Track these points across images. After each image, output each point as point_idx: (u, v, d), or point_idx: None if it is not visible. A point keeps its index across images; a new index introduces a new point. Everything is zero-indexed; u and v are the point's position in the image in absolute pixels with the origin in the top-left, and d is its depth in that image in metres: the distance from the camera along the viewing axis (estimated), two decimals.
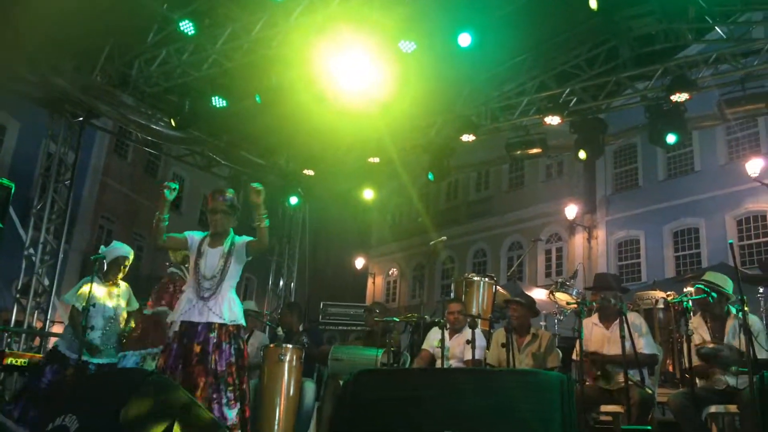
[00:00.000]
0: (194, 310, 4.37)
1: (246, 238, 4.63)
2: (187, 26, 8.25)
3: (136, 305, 5.99)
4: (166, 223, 4.47)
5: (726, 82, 9.44)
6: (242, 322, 4.52)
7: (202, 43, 8.91)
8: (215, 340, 4.29)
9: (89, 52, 9.57)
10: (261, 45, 8.60)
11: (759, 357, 4.66)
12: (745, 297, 4.76)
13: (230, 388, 4.21)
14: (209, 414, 3.34)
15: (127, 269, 5.93)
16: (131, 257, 5.96)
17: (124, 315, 5.85)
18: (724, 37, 9.38)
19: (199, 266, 4.51)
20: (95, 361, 5.35)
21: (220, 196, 4.65)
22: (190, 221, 22.89)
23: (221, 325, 4.35)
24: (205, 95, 9.51)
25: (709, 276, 5.26)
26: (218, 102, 9.49)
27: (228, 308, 4.40)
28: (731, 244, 4.48)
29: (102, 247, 5.80)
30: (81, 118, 10.24)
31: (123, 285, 5.93)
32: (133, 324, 5.86)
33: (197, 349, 4.25)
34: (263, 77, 9.17)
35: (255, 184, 4.44)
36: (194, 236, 4.70)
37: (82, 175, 16.84)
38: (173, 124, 9.76)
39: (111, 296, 5.60)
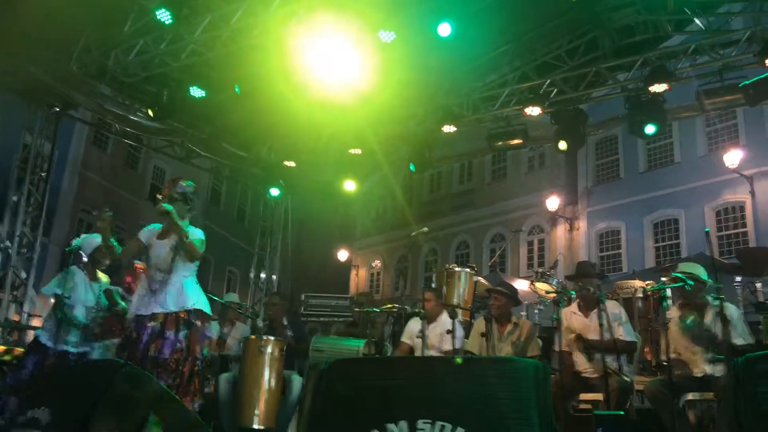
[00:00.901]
0: (142, 303, 4.43)
1: (198, 232, 4.64)
2: (164, 15, 8.16)
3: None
4: (114, 242, 4.59)
5: (704, 73, 9.52)
6: (198, 307, 4.52)
7: (180, 32, 8.79)
8: (157, 329, 4.31)
9: (65, 41, 9.40)
10: (240, 35, 8.50)
11: (737, 343, 4.73)
12: (721, 285, 4.83)
13: (172, 375, 4.22)
14: (188, 409, 3.31)
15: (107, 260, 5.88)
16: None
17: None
18: (703, 28, 9.45)
19: (150, 259, 4.56)
20: (76, 350, 5.28)
21: (171, 186, 4.67)
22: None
23: (166, 314, 4.37)
24: (184, 85, 9.41)
25: (684, 267, 5.31)
26: (197, 92, 9.39)
27: (175, 297, 4.43)
28: (707, 232, 4.52)
29: (76, 239, 5.71)
30: (58, 109, 10.08)
31: (104, 278, 5.85)
32: None
33: (140, 339, 4.28)
34: (243, 67, 9.09)
35: (164, 205, 4.47)
36: (147, 231, 4.73)
37: (60, 167, 16.61)
38: (151, 114, 9.64)
39: (92, 287, 5.53)
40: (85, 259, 5.57)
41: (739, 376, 2.79)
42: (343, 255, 27.19)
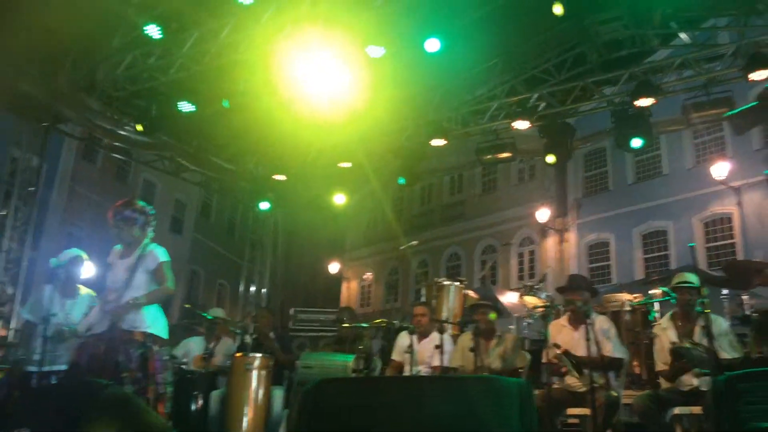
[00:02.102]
0: (98, 322, 4.48)
1: (160, 252, 4.66)
2: (153, 30, 8.16)
3: None
4: None
5: (690, 87, 9.61)
6: (153, 332, 4.53)
7: (168, 47, 8.80)
8: (111, 348, 4.33)
9: (54, 56, 9.38)
10: (229, 49, 8.52)
11: (725, 358, 4.74)
12: (705, 300, 4.85)
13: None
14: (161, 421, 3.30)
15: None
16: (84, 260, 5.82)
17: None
18: (689, 42, 9.55)
19: (107, 279, 4.62)
20: (55, 368, 5.23)
21: (122, 207, 4.74)
22: (161, 227, 22.62)
23: (125, 332, 4.41)
24: (173, 100, 9.39)
25: (679, 278, 5.31)
26: (186, 107, 9.38)
27: (130, 317, 4.45)
28: (692, 247, 4.55)
29: (53, 260, 5.63)
30: (46, 124, 10.03)
31: (84, 292, 5.77)
32: None
33: (94, 357, 4.32)
34: (231, 82, 9.11)
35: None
36: (114, 250, 4.79)
37: (49, 181, 16.54)
38: (140, 129, 9.61)
39: (62, 304, 5.47)
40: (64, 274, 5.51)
41: (721, 394, 2.80)
42: (334, 267, 27.11)
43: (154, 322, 4.57)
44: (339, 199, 12.10)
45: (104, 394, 3.05)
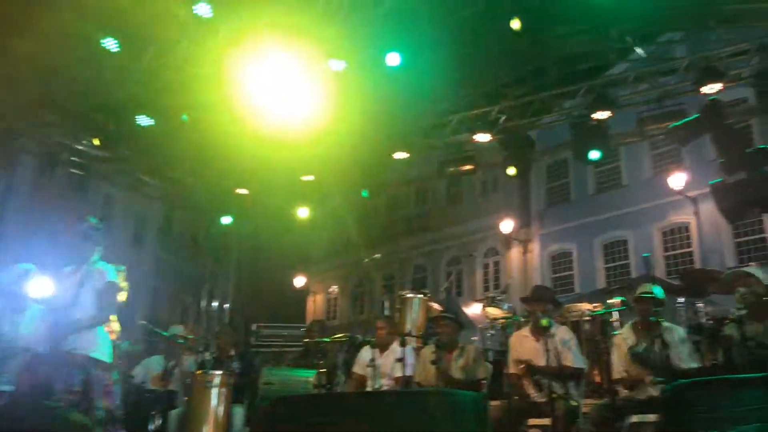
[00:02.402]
0: (41, 341, 4.41)
1: (108, 270, 4.57)
2: (110, 43, 8.04)
3: None
4: None
5: (646, 100, 9.83)
6: (92, 354, 4.43)
7: (126, 61, 8.68)
8: (53, 370, 4.25)
9: (9, 70, 9.17)
10: (187, 63, 8.44)
11: (682, 367, 4.83)
12: (659, 309, 4.95)
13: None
14: None
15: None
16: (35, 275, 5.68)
17: None
18: (644, 56, 9.79)
19: (52, 298, 4.56)
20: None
21: (77, 223, 4.68)
22: (123, 242, 22.22)
23: (67, 353, 4.31)
24: (131, 114, 9.26)
25: (642, 288, 5.41)
26: (145, 121, 9.25)
27: (73, 338, 4.36)
28: (646, 257, 4.63)
29: (2, 274, 5.48)
30: (2, 138, 9.80)
31: (34, 307, 5.62)
32: None
33: (37, 379, 4.26)
34: (191, 95, 9.01)
35: None
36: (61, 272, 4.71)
37: (6, 195, 16.11)
38: (98, 143, 9.45)
39: (14, 321, 5.31)
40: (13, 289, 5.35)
41: (670, 403, 2.85)
42: (299, 281, 26.95)
43: (98, 345, 4.48)
44: (302, 212, 12.04)
45: (53, 417, 2.96)
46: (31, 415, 3.67)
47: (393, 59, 8.03)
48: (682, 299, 7.47)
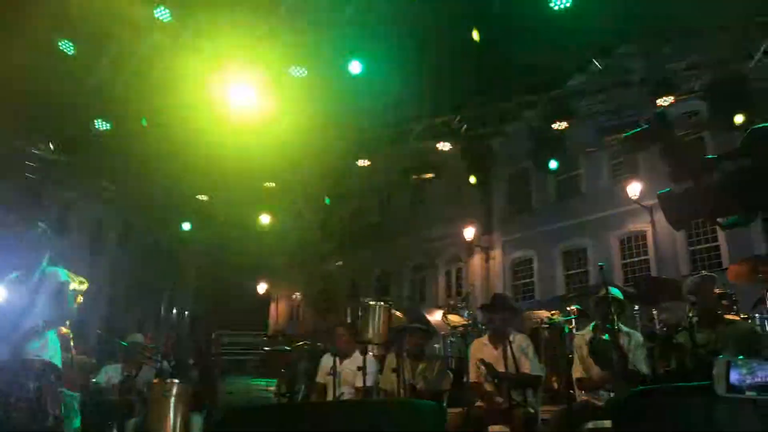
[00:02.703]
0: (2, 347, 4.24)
1: (60, 273, 4.50)
2: (66, 46, 7.87)
3: None
4: None
5: (603, 111, 10.05)
6: (51, 360, 4.34)
7: (83, 63, 8.51)
8: (10, 378, 4.15)
9: None
10: (147, 67, 8.33)
11: (640, 371, 4.93)
12: (615, 316, 5.04)
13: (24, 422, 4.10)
14: None
15: None
16: None
17: None
18: (602, 69, 10.02)
19: (5, 306, 4.41)
20: None
21: (25, 228, 4.63)
22: (79, 246, 21.67)
23: (24, 360, 4.21)
24: (88, 118, 9.07)
25: (613, 291, 5.50)
26: (102, 125, 9.08)
27: (32, 343, 4.26)
28: (602, 266, 4.71)
29: None
30: None
31: None
32: None
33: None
34: (150, 100, 8.89)
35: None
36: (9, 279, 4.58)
37: None
38: (52, 148, 9.24)
39: None
40: None
41: (622, 412, 2.91)
42: (261, 288, 26.69)
43: (53, 350, 4.39)
44: (264, 219, 11.96)
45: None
46: None
47: (355, 67, 8.05)
48: (636, 307, 7.65)
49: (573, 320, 7.00)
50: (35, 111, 9.42)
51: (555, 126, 9.32)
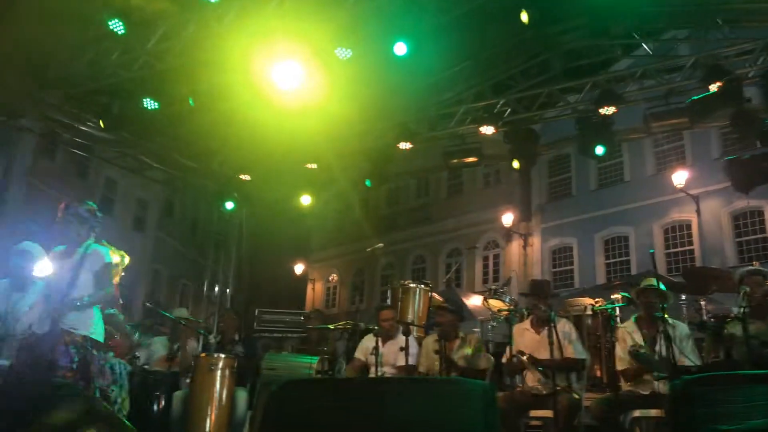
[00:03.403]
0: (40, 320, 4.42)
1: (104, 252, 4.65)
2: (116, 25, 7.99)
3: None
4: None
5: (651, 96, 9.81)
6: (90, 335, 4.51)
7: (132, 43, 8.64)
8: (52, 349, 4.30)
9: (13, 50, 9.13)
10: (194, 47, 8.40)
11: (685, 364, 4.84)
12: (666, 305, 4.96)
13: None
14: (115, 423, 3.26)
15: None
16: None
17: None
18: (650, 53, 9.77)
19: (51, 278, 4.61)
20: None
21: (76, 204, 4.79)
22: (123, 225, 22.21)
23: (65, 331, 4.38)
24: (136, 97, 9.21)
25: (646, 282, 5.41)
26: (150, 104, 9.21)
27: (74, 317, 4.44)
28: (652, 253, 4.63)
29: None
30: (3, 118, 9.77)
31: (38, 285, 5.66)
32: None
33: (36, 357, 4.28)
34: (197, 80, 8.98)
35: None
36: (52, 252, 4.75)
37: (6, 176, 16.06)
38: (102, 125, 9.42)
39: (12, 299, 5.34)
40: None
41: (678, 398, 2.86)
42: (299, 269, 26.98)
43: (95, 326, 4.57)
44: (305, 200, 12.02)
45: (59, 394, 2.98)
46: (34, 391, 3.68)
47: (400, 49, 7.98)
48: (684, 297, 7.51)
49: (617, 308, 6.89)
50: (86, 89, 9.60)
51: (602, 111, 9.14)
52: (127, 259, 6.04)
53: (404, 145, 10.64)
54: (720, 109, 8.77)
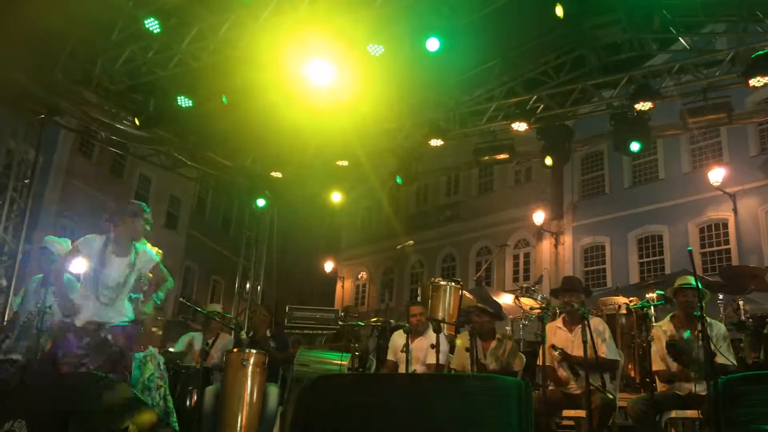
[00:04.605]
0: (86, 312, 4.53)
1: (152, 253, 4.82)
2: (152, 24, 8.11)
3: None
4: None
5: (688, 92, 9.61)
6: (126, 325, 4.64)
7: (167, 41, 8.76)
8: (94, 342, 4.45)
9: (51, 48, 9.33)
10: (228, 45, 8.48)
11: (721, 363, 4.73)
12: (703, 304, 4.85)
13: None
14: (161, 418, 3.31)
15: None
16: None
17: None
18: (688, 47, 9.56)
19: (101, 274, 4.63)
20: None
21: (134, 205, 4.93)
22: (156, 222, 22.52)
23: (101, 325, 4.53)
24: (171, 95, 9.35)
25: (681, 280, 5.31)
26: (184, 102, 9.34)
27: (112, 311, 4.60)
28: (690, 251, 4.53)
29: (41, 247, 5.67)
30: (42, 116, 9.98)
31: (71, 282, 5.79)
32: None
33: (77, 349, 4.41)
34: (230, 78, 9.07)
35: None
36: (90, 243, 4.76)
37: (44, 174, 16.44)
38: (137, 123, 9.58)
39: (41, 292, 5.46)
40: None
41: (720, 397, 2.80)
42: (328, 266, 27.11)
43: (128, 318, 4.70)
44: (335, 197, 12.07)
45: (100, 386, 3.03)
46: (74, 383, 3.76)
47: (433, 44, 7.93)
48: (721, 296, 7.35)
49: (653, 307, 6.77)
50: (122, 86, 9.77)
51: (638, 106, 8.98)
52: (161, 256, 6.13)
53: (435, 142, 10.59)
54: None
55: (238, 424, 5.89)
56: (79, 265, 4.80)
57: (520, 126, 10.03)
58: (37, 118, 9.94)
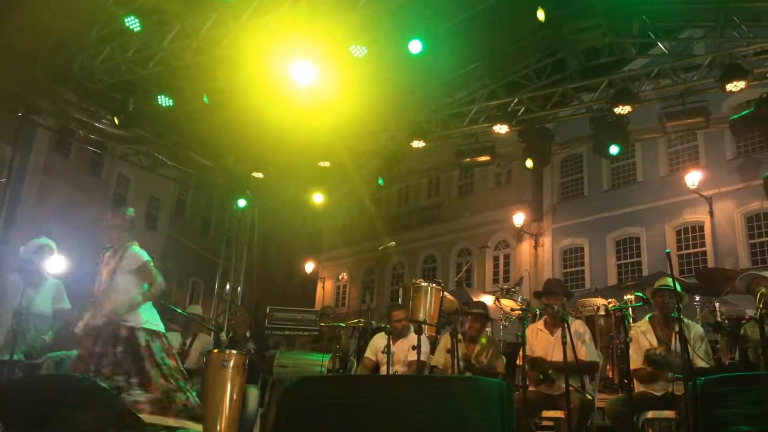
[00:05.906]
0: (95, 317, 4.67)
1: (140, 253, 4.86)
2: (132, 22, 8.03)
3: (66, 305, 5.81)
4: None
5: (667, 96, 9.75)
6: (141, 325, 4.74)
7: (148, 40, 8.67)
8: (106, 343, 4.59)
9: (29, 46, 9.20)
10: (209, 45, 8.42)
11: (699, 366, 4.79)
12: (680, 305, 4.91)
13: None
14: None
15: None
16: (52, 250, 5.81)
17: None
18: (666, 52, 9.70)
19: (96, 280, 4.83)
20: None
21: (116, 213, 5.02)
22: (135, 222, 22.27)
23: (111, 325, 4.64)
24: (151, 94, 9.26)
25: (661, 281, 5.37)
26: (164, 101, 9.25)
27: (129, 313, 4.70)
28: (668, 253, 4.59)
29: (21, 247, 5.62)
30: (20, 114, 9.83)
31: (51, 282, 5.75)
32: None
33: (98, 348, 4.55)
34: (211, 78, 9.00)
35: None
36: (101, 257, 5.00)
37: (21, 173, 16.22)
38: (117, 122, 9.48)
39: (25, 293, 5.41)
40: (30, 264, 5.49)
41: (698, 398, 2.84)
42: (309, 267, 27.03)
43: (148, 318, 4.78)
44: (317, 198, 12.03)
45: (80, 388, 2.99)
46: (53, 385, 3.72)
47: (415, 46, 7.97)
48: (698, 298, 7.45)
49: (631, 309, 6.83)
50: (101, 85, 9.65)
51: (617, 110, 9.08)
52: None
53: (417, 144, 10.63)
54: (758, 125, 8.77)
55: (218, 426, 5.85)
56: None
57: (501, 128, 10.09)
58: (14, 116, 9.79)
